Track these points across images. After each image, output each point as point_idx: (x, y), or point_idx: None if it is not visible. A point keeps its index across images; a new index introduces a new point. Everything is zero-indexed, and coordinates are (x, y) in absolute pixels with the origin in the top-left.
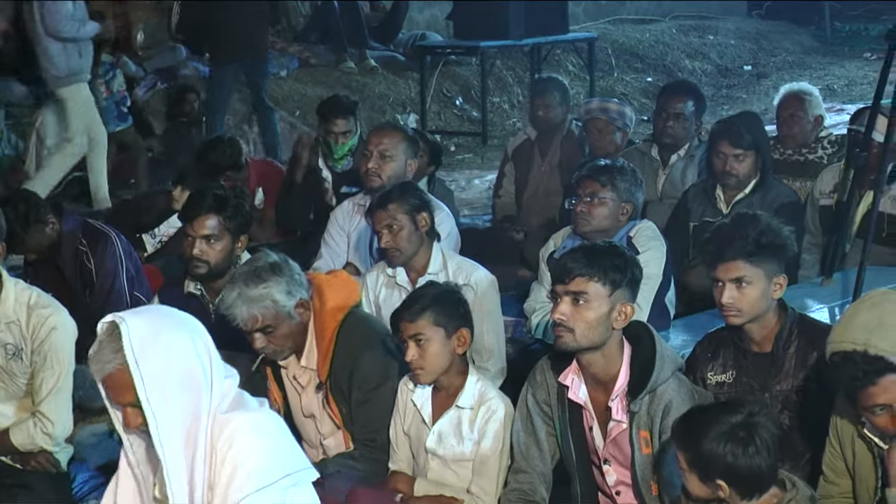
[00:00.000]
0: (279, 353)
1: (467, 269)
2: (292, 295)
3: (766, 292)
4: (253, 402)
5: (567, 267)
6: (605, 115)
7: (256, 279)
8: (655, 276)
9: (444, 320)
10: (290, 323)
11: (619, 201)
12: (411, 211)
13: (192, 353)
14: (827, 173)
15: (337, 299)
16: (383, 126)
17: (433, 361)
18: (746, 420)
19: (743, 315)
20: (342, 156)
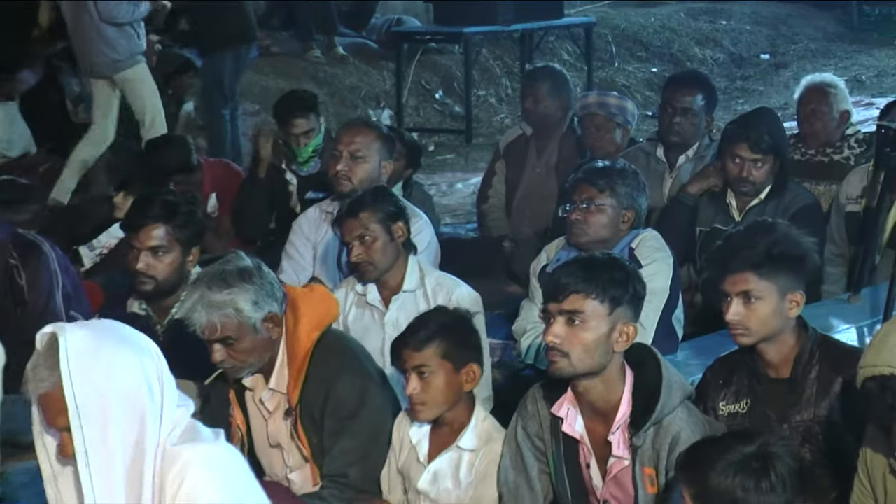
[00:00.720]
0: (239, 369)
1: (448, 286)
2: (260, 307)
3: (778, 310)
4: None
5: (561, 283)
6: (604, 111)
7: (221, 283)
8: (661, 291)
9: (453, 352)
10: (255, 337)
11: (620, 208)
12: (385, 220)
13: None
14: (854, 175)
15: (313, 316)
16: (354, 123)
17: (436, 397)
18: (761, 450)
19: (751, 334)
20: (306, 158)
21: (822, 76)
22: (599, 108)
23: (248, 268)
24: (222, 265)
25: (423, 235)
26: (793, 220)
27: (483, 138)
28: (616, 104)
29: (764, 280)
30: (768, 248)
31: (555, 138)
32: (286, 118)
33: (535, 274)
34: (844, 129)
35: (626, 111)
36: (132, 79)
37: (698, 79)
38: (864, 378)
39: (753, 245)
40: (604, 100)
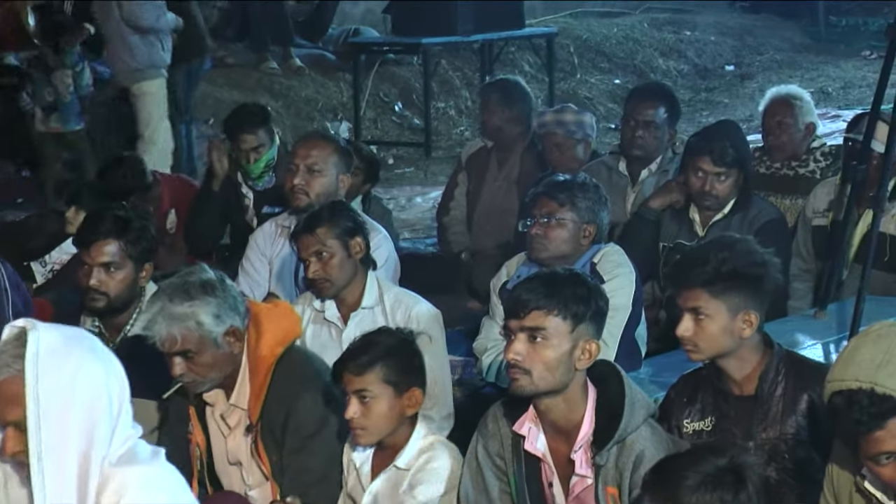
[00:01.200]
0: (199, 384)
1: (407, 303)
2: (222, 320)
3: (728, 329)
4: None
5: (522, 299)
6: (562, 129)
7: (183, 295)
8: (623, 307)
9: (396, 377)
10: (216, 351)
11: (581, 223)
12: (343, 235)
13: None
14: (820, 189)
15: (276, 332)
16: (311, 136)
17: (377, 422)
18: (733, 463)
19: (700, 351)
20: (259, 174)
21: (788, 88)
22: (557, 127)
23: (210, 280)
24: (185, 276)
25: (381, 251)
26: (757, 235)
27: (443, 151)
28: (573, 120)
29: (714, 298)
30: (719, 265)
31: (516, 151)
32: (235, 134)
33: (495, 290)
34: (810, 141)
35: (584, 126)
36: (147, 92)
37: (661, 91)
38: (831, 392)
39: (706, 262)
40: (560, 117)
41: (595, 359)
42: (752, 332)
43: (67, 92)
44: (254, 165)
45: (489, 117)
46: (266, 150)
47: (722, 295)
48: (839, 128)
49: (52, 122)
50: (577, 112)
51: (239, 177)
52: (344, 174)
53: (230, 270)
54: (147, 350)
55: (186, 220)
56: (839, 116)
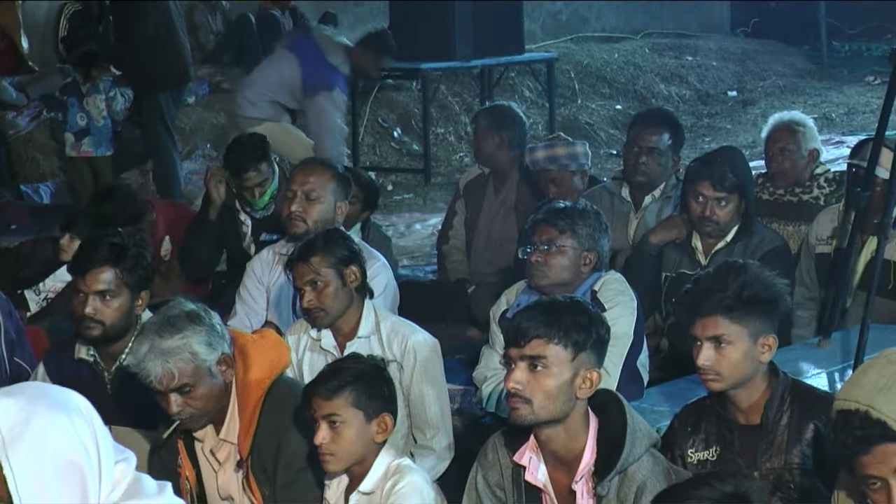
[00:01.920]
0: (198, 418)
1: (404, 332)
2: (213, 348)
3: (750, 354)
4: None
5: (522, 327)
6: (555, 164)
7: (171, 329)
8: (625, 336)
9: (366, 402)
10: (211, 381)
11: (581, 250)
12: (338, 264)
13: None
14: (824, 216)
15: (264, 364)
16: (309, 163)
17: (347, 448)
18: (738, 488)
19: (723, 380)
20: (264, 206)
21: (791, 114)
22: (550, 163)
23: (193, 310)
24: (166, 312)
25: (380, 278)
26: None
27: (442, 177)
28: (565, 153)
29: (735, 324)
30: (739, 291)
31: (511, 177)
32: (238, 172)
33: (494, 319)
34: (814, 168)
35: (577, 157)
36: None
37: (665, 117)
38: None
39: (724, 287)
40: (552, 153)
41: (596, 388)
42: (771, 356)
43: (101, 116)
44: (259, 200)
45: (481, 144)
46: (270, 183)
47: (742, 320)
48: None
49: (83, 147)
50: (569, 143)
51: (237, 204)
52: (342, 201)
53: (227, 298)
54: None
55: (182, 247)
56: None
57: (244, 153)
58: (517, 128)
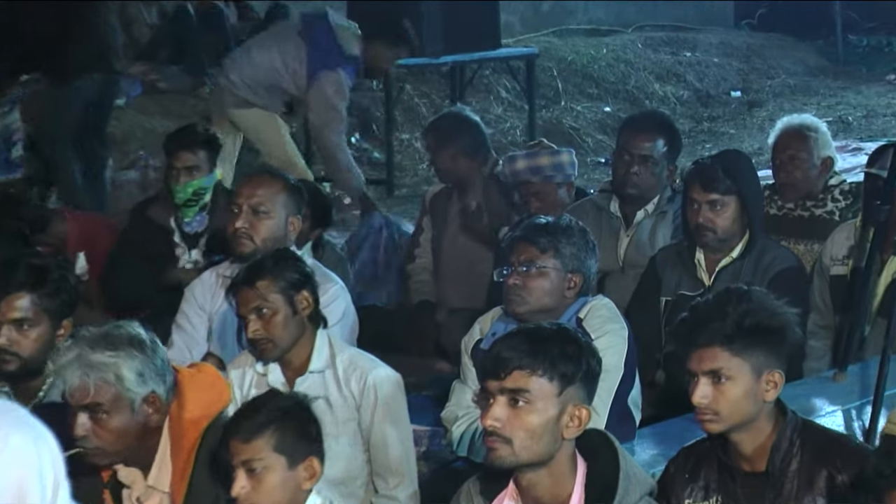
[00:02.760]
0: (101, 453)
1: (363, 366)
2: (144, 382)
3: (752, 392)
4: None
5: (502, 357)
6: (538, 176)
7: (106, 344)
8: (615, 368)
9: (290, 444)
10: (129, 417)
11: (565, 272)
12: (288, 289)
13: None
14: (839, 233)
15: (200, 403)
16: (256, 173)
17: (269, 499)
18: None
19: (721, 420)
20: (184, 200)
21: (802, 117)
22: (532, 175)
23: (140, 337)
24: (110, 328)
25: (337, 304)
26: (772, 285)
27: (407, 189)
28: (550, 163)
29: (736, 357)
30: (740, 319)
31: (474, 190)
32: (171, 149)
33: (467, 350)
34: (827, 178)
35: (563, 167)
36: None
37: (659, 121)
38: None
39: (723, 316)
40: (534, 163)
41: (585, 426)
42: (777, 394)
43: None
44: (181, 187)
45: (435, 161)
46: (200, 175)
47: (744, 353)
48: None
49: None
50: (553, 152)
51: (172, 222)
52: (294, 216)
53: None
54: (66, 418)
55: (104, 269)
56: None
57: (188, 132)
58: (471, 134)
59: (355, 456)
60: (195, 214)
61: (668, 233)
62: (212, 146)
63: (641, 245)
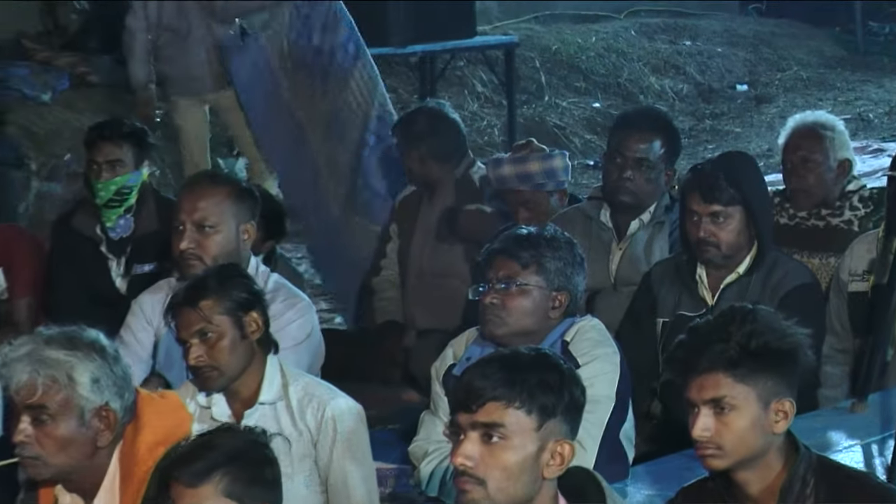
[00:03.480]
0: (43, 464)
1: (320, 397)
2: (99, 390)
3: (759, 423)
4: None
5: (475, 387)
6: (527, 184)
7: (64, 343)
8: (605, 400)
9: (242, 490)
10: (76, 428)
11: (549, 289)
12: (235, 310)
13: None
14: (858, 245)
15: (158, 428)
16: (196, 182)
17: None
18: None
19: (726, 456)
20: (107, 200)
21: (816, 115)
22: (521, 182)
23: (101, 342)
24: (74, 329)
25: (304, 322)
26: (783, 304)
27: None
28: (540, 169)
29: (740, 384)
30: (745, 342)
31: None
32: (92, 142)
33: (438, 377)
34: (845, 183)
35: (555, 173)
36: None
37: (656, 119)
38: None
39: (726, 337)
40: (523, 169)
41: (569, 465)
42: (787, 426)
43: None
44: (103, 185)
45: (404, 161)
46: (124, 171)
47: (749, 379)
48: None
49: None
50: (544, 156)
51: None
52: (246, 223)
53: None
54: None
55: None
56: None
57: (112, 123)
58: (447, 134)
59: (312, 498)
60: (119, 218)
61: (665, 245)
62: (139, 141)
63: (635, 259)
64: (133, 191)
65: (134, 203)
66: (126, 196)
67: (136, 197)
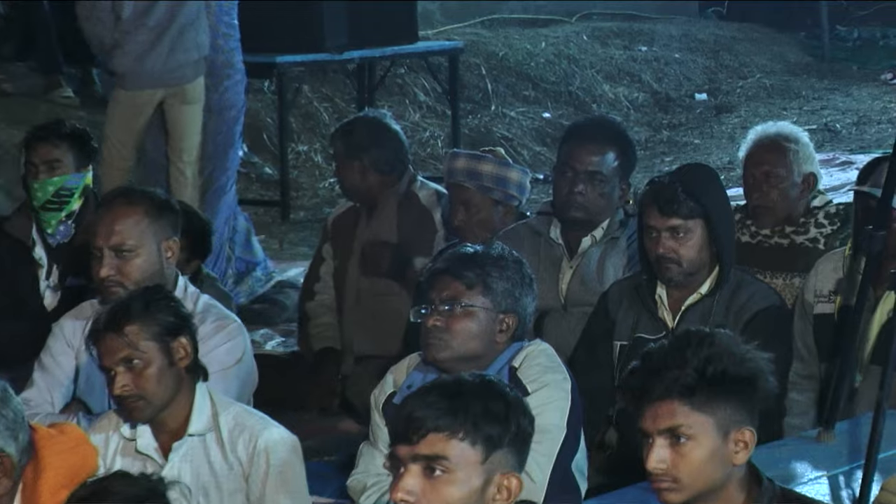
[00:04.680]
0: None
1: (252, 428)
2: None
3: (718, 454)
4: None
5: (415, 417)
6: (473, 182)
7: None
8: (556, 429)
9: None
10: None
11: (496, 311)
12: (163, 335)
13: None
14: (825, 264)
15: (60, 469)
16: (111, 201)
17: None
18: None
19: (682, 489)
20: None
21: (780, 126)
22: (468, 178)
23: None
24: None
25: (236, 344)
26: (748, 327)
27: (305, 213)
28: (492, 173)
29: (697, 412)
30: (702, 367)
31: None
32: (30, 143)
33: (377, 406)
34: (810, 199)
35: (506, 183)
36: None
37: (609, 129)
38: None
39: (681, 363)
40: (475, 166)
41: (516, 498)
42: (748, 456)
43: None
44: (40, 185)
45: (340, 175)
46: (63, 171)
47: (707, 407)
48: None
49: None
50: (502, 162)
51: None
52: (168, 239)
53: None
54: None
55: None
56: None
57: (52, 124)
58: (385, 144)
59: None
60: (59, 223)
61: (619, 263)
62: (80, 143)
63: (587, 278)
64: (74, 194)
65: (76, 209)
66: (66, 199)
67: (80, 203)
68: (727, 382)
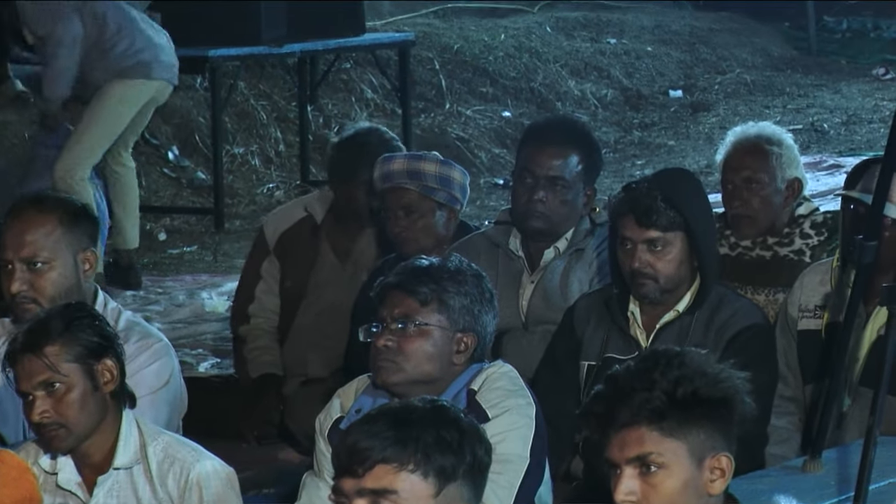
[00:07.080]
0: None
1: (184, 459)
2: None
3: (692, 483)
4: None
5: (360, 447)
6: (415, 183)
7: None
8: (517, 458)
9: None
10: None
11: (453, 330)
12: (86, 357)
13: None
14: (810, 277)
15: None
16: (20, 209)
17: None
18: None
19: None
20: None
21: (761, 127)
22: (409, 179)
23: None
24: None
25: (163, 364)
26: (730, 348)
27: (241, 221)
28: (436, 172)
29: (668, 438)
30: (671, 390)
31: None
32: None
33: (323, 433)
34: (795, 207)
35: (451, 184)
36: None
37: (571, 130)
38: None
39: (650, 386)
40: (417, 166)
41: None
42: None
43: None
44: None
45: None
46: None
47: (679, 433)
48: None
49: None
50: (444, 162)
51: None
52: (86, 250)
53: None
54: None
55: None
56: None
57: None
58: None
59: None
60: None
61: (585, 277)
62: None
63: (550, 293)
64: None
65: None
66: None
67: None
68: (700, 405)
